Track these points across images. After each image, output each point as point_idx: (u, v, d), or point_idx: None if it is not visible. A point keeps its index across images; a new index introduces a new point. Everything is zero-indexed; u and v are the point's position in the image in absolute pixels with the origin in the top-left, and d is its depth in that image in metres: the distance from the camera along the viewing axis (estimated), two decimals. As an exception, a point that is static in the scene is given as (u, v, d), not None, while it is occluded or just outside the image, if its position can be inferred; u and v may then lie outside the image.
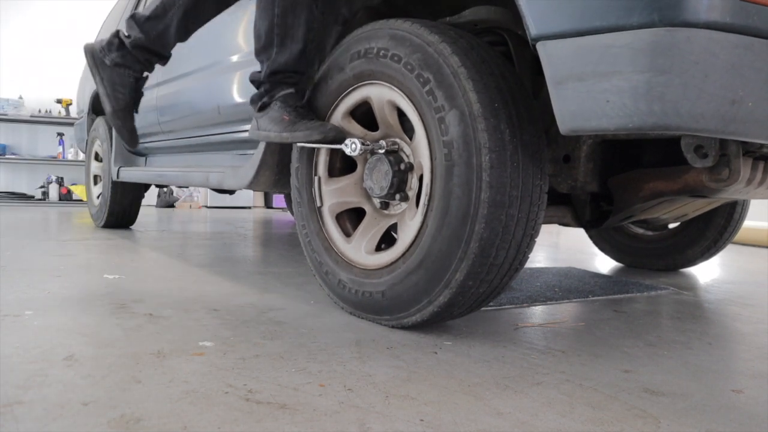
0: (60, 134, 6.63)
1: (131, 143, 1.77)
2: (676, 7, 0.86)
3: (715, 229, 2.43)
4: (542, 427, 0.86)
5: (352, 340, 1.27)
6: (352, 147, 1.42)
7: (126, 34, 1.69)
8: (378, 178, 1.40)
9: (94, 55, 1.70)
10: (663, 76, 0.86)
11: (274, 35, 1.47)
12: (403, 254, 1.32)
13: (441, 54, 1.21)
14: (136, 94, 1.73)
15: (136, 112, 1.77)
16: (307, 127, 1.42)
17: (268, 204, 7.82)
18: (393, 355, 1.17)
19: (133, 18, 1.68)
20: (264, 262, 2.42)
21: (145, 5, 1.81)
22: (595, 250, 2.98)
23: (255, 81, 1.53)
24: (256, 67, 1.91)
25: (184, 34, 1.72)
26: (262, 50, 1.50)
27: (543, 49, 1.01)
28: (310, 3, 1.49)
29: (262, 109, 1.52)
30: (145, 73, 1.76)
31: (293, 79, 1.51)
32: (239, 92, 2.05)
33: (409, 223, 1.33)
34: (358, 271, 1.43)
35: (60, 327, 1.28)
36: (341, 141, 1.43)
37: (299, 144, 1.47)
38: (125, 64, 1.68)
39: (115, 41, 1.69)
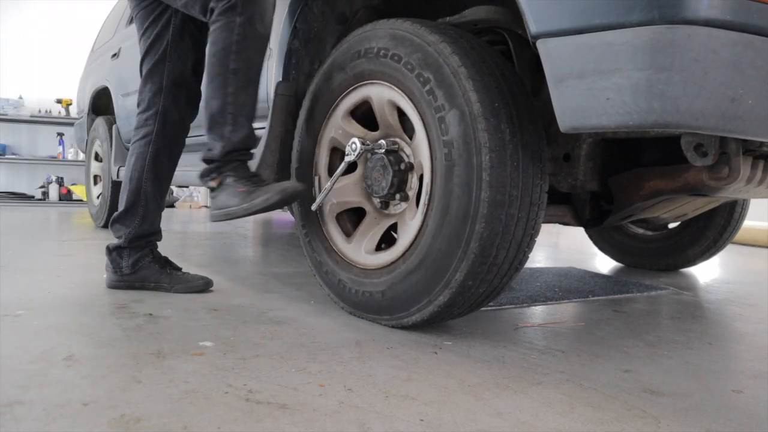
0: (60, 134, 6.63)
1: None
2: (677, 5, 0.86)
3: (715, 229, 2.43)
4: (542, 427, 0.86)
5: (352, 340, 1.27)
6: (352, 147, 1.42)
7: (116, 238, 1.75)
8: (378, 177, 1.40)
9: (114, 283, 1.74)
10: (663, 74, 0.86)
11: (227, 114, 1.48)
12: (403, 254, 1.32)
13: (441, 54, 1.21)
14: (160, 262, 1.77)
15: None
16: (264, 192, 1.44)
17: (268, 204, 7.79)
18: (393, 355, 1.17)
19: (115, 221, 1.73)
20: (264, 262, 2.42)
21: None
22: (595, 250, 2.98)
23: (207, 159, 1.53)
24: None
25: (161, 201, 1.79)
26: (213, 128, 1.50)
27: (543, 47, 1.01)
28: (259, 80, 1.52)
29: (214, 187, 1.53)
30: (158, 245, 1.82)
31: (244, 156, 1.52)
32: (239, 92, 2.04)
33: (409, 223, 1.33)
34: (358, 270, 1.42)
35: (60, 327, 1.28)
36: (301, 194, 1.47)
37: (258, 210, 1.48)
38: (138, 257, 1.73)
39: (113, 254, 1.73)
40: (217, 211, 1.52)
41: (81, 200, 6.41)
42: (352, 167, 1.51)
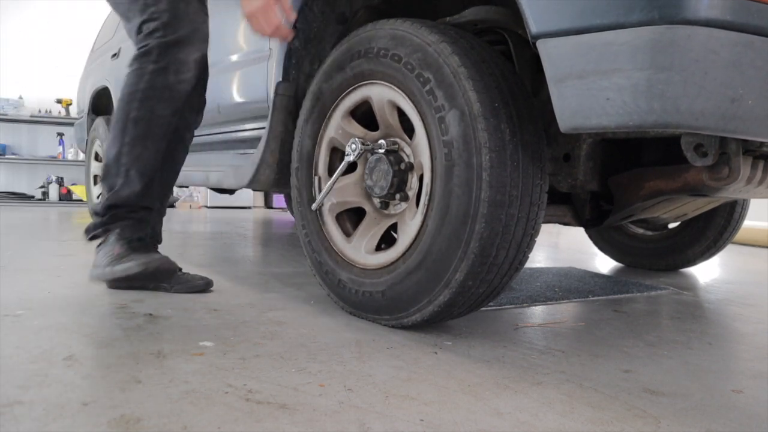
0: (60, 134, 6.63)
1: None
2: (677, 5, 0.86)
3: (715, 229, 2.43)
4: (542, 427, 0.86)
5: (352, 340, 1.27)
6: (352, 147, 1.42)
7: None
8: (378, 177, 1.40)
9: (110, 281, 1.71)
10: (663, 74, 0.86)
11: (120, 165, 1.41)
12: (403, 254, 1.32)
13: (441, 54, 1.21)
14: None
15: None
16: (129, 260, 1.38)
17: (268, 204, 7.81)
18: (393, 355, 1.17)
19: None
20: (264, 262, 2.42)
21: None
22: (595, 250, 2.98)
23: (95, 212, 1.47)
24: (255, 67, 1.91)
25: (163, 206, 1.77)
26: (106, 178, 1.44)
27: (543, 47, 1.01)
28: (165, 135, 1.43)
29: (100, 242, 1.48)
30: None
31: (136, 215, 1.45)
32: (239, 92, 2.05)
33: (409, 223, 1.33)
34: (358, 270, 1.42)
35: (60, 327, 1.28)
36: (172, 273, 1.44)
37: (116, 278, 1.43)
38: None
39: None
40: (93, 269, 1.51)
41: (81, 200, 6.41)
42: (352, 167, 1.51)
